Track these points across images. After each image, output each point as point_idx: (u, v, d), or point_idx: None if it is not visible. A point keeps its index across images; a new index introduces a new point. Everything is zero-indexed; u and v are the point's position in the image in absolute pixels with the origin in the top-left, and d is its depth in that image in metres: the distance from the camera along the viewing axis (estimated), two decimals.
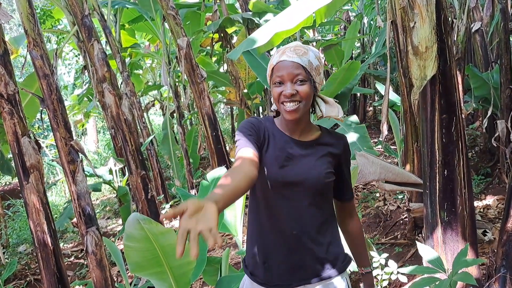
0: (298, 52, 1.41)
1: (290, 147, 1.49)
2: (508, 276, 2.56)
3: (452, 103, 2.51)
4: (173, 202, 6.03)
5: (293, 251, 1.49)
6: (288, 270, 1.50)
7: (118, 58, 4.74)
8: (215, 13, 5.64)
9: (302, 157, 1.48)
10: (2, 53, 2.56)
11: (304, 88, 1.40)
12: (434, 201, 2.63)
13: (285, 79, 1.40)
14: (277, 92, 1.42)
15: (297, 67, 1.40)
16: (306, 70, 1.41)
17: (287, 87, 1.40)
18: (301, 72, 1.40)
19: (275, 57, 1.45)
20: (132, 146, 4.05)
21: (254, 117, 1.60)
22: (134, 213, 1.74)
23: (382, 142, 3.33)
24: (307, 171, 1.46)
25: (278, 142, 1.50)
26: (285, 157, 1.47)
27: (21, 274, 4.91)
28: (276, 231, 1.50)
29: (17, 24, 15.74)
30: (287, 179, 1.46)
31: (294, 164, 1.47)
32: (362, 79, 10.33)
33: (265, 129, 1.52)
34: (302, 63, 1.40)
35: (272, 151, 1.48)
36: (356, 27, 7.57)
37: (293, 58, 1.40)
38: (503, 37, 4.18)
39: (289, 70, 1.40)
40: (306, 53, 1.42)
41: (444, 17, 2.43)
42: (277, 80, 1.42)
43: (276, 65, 1.44)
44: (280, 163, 1.46)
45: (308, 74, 1.42)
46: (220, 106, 14.67)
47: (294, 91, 1.39)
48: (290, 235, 1.48)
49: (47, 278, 2.64)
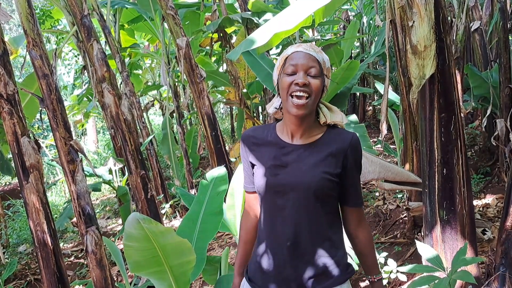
0: (314, 48, 1.40)
1: (286, 153, 1.44)
2: (507, 274, 2.56)
3: (451, 102, 2.52)
4: (173, 202, 6.04)
5: (288, 263, 1.44)
6: (283, 282, 1.45)
7: (118, 58, 4.74)
8: (214, 13, 5.64)
9: (297, 162, 1.42)
10: (1, 53, 2.56)
11: (316, 82, 1.37)
12: (433, 200, 2.63)
13: (299, 68, 1.37)
14: (287, 82, 1.37)
15: (313, 60, 1.38)
16: (321, 66, 1.39)
17: (300, 75, 1.35)
18: (316, 66, 1.38)
19: (290, 49, 1.42)
20: (132, 146, 4.05)
21: (246, 132, 1.57)
22: (134, 212, 1.74)
23: (381, 141, 3.32)
24: (299, 177, 1.40)
25: (272, 151, 1.47)
26: (277, 165, 1.44)
27: (21, 274, 4.91)
28: (272, 241, 1.48)
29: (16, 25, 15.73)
30: (278, 186, 1.43)
31: (287, 171, 1.42)
32: (362, 79, 10.34)
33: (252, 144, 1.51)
34: (318, 58, 1.39)
35: (265, 161, 1.47)
36: (356, 26, 7.57)
37: (310, 51, 1.38)
38: (502, 36, 4.18)
39: (304, 61, 1.37)
40: (321, 52, 1.42)
41: (442, 16, 2.44)
42: (290, 69, 1.37)
43: (291, 55, 1.40)
44: (272, 172, 1.44)
45: (322, 71, 1.40)
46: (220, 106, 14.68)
47: (307, 81, 1.35)
48: (284, 247, 1.43)
49: (47, 277, 2.64)
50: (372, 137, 8.26)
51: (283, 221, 1.44)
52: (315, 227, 1.43)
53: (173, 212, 6.12)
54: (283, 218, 1.44)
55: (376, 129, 9.27)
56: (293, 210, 1.42)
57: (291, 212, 1.42)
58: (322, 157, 1.41)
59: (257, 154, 1.50)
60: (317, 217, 1.43)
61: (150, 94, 10.78)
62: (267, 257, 1.48)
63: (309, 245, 1.43)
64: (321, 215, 1.43)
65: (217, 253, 4.55)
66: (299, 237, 1.42)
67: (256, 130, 1.55)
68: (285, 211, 1.43)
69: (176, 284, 2.02)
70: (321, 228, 1.44)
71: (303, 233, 1.42)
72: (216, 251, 4.65)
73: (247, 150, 1.54)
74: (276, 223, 1.46)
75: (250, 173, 1.55)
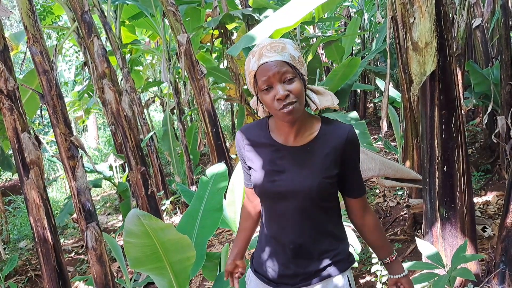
0: (276, 49, 1.29)
1: (281, 157, 1.40)
2: (507, 272, 2.56)
3: (451, 99, 2.51)
4: (173, 198, 6.04)
5: (291, 261, 1.46)
6: (288, 275, 1.47)
7: (118, 54, 4.73)
8: (215, 9, 5.63)
9: (294, 167, 1.39)
10: (2, 49, 2.55)
11: (295, 86, 1.29)
12: (433, 197, 2.63)
13: (272, 81, 1.28)
14: (269, 99, 1.30)
15: (282, 65, 1.28)
16: (291, 65, 1.29)
17: (278, 89, 1.27)
18: (287, 69, 1.28)
19: (252, 62, 1.32)
20: (132, 142, 4.05)
21: (238, 132, 1.52)
22: (134, 209, 1.74)
23: (382, 138, 3.33)
24: (298, 182, 1.37)
25: (268, 154, 1.42)
26: (274, 170, 1.40)
27: (22, 269, 4.92)
28: (274, 244, 1.49)
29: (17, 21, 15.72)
30: (277, 193, 1.40)
31: (285, 177, 1.38)
32: (363, 76, 10.32)
33: (246, 145, 1.48)
34: (285, 60, 1.28)
35: (260, 164, 1.43)
36: (357, 23, 7.56)
37: (274, 56, 1.28)
38: (503, 33, 4.16)
39: (274, 71, 1.27)
40: (284, 48, 1.30)
41: (444, 13, 2.43)
42: (264, 86, 1.29)
43: (257, 70, 1.30)
44: (269, 178, 1.40)
45: (294, 69, 1.30)
46: (221, 102, 14.67)
47: (287, 92, 1.27)
48: (287, 248, 1.44)
49: (48, 273, 2.64)
50: (372, 134, 8.26)
51: (284, 226, 1.44)
52: (317, 227, 1.43)
53: (174, 208, 6.13)
54: (284, 223, 1.44)
55: (377, 126, 9.26)
56: (294, 215, 1.41)
57: (292, 217, 1.41)
58: (319, 160, 1.37)
59: (252, 156, 1.47)
60: (318, 218, 1.43)
61: (151, 91, 10.76)
62: (270, 257, 1.50)
63: (311, 244, 1.44)
64: (322, 215, 1.43)
65: (217, 250, 4.56)
66: (301, 239, 1.43)
67: (249, 130, 1.50)
68: (285, 216, 1.42)
69: (176, 280, 2.03)
70: (323, 227, 1.45)
71: (305, 235, 1.43)
72: (216, 248, 4.66)
73: (242, 150, 1.52)
74: (277, 227, 1.47)
75: (247, 171, 1.55)
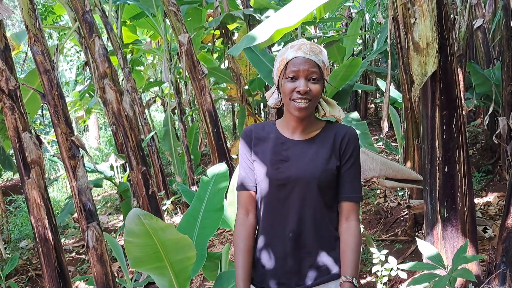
0: (314, 51, 1.42)
1: (286, 148, 1.49)
2: (508, 272, 2.56)
3: (452, 100, 2.51)
4: (174, 198, 6.04)
5: (290, 255, 1.47)
6: (284, 275, 1.47)
7: (120, 54, 4.73)
8: (216, 10, 5.63)
9: (298, 156, 1.47)
10: (3, 48, 2.56)
11: (316, 87, 1.42)
12: (434, 197, 2.63)
13: (300, 75, 1.41)
14: (289, 88, 1.42)
15: (313, 65, 1.41)
16: (320, 70, 1.43)
17: (301, 83, 1.40)
18: (316, 71, 1.41)
19: (290, 52, 1.44)
20: (133, 142, 4.05)
21: (247, 128, 1.59)
22: (135, 208, 1.74)
23: (383, 139, 3.33)
24: (302, 169, 1.45)
25: (274, 146, 1.51)
26: (279, 160, 1.48)
27: (23, 269, 4.92)
28: (273, 233, 1.50)
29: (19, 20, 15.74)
30: (281, 180, 1.46)
31: (289, 165, 1.47)
32: (364, 76, 10.32)
33: (254, 139, 1.54)
34: (318, 62, 1.42)
35: (266, 156, 1.50)
36: (358, 23, 7.56)
37: (310, 55, 1.41)
38: (505, 34, 4.16)
39: (305, 67, 1.40)
40: (321, 53, 1.44)
41: (445, 13, 2.43)
42: (291, 75, 1.41)
43: (291, 60, 1.42)
44: (274, 166, 1.48)
45: (321, 74, 1.43)
46: (222, 102, 14.68)
47: (308, 89, 1.40)
48: (287, 238, 1.46)
49: (48, 273, 2.64)
50: (373, 135, 8.25)
51: (286, 212, 1.47)
52: (317, 219, 1.47)
53: (174, 208, 6.13)
54: (286, 209, 1.47)
55: (378, 126, 9.26)
56: (296, 201, 1.46)
57: (295, 203, 1.46)
58: (322, 151, 1.47)
59: (258, 149, 1.53)
60: (319, 210, 1.47)
61: (152, 91, 10.77)
62: (268, 250, 1.50)
63: (311, 236, 1.46)
64: (323, 208, 1.47)
65: (217, 250, 4.56)
66: (302, 227, 1.46)
67: (257, 127, 1.59)
68: (288, 203, 1.47)
69: (176, 280, 2.03)
70: (323, 221, 1.47)
71: (306, 224, 1.46)
72: (217, 248, 4.66)
73: (248, 145, 1.56)
74: (278, 215, 1.49)
75: (249, 171, 1.56)
